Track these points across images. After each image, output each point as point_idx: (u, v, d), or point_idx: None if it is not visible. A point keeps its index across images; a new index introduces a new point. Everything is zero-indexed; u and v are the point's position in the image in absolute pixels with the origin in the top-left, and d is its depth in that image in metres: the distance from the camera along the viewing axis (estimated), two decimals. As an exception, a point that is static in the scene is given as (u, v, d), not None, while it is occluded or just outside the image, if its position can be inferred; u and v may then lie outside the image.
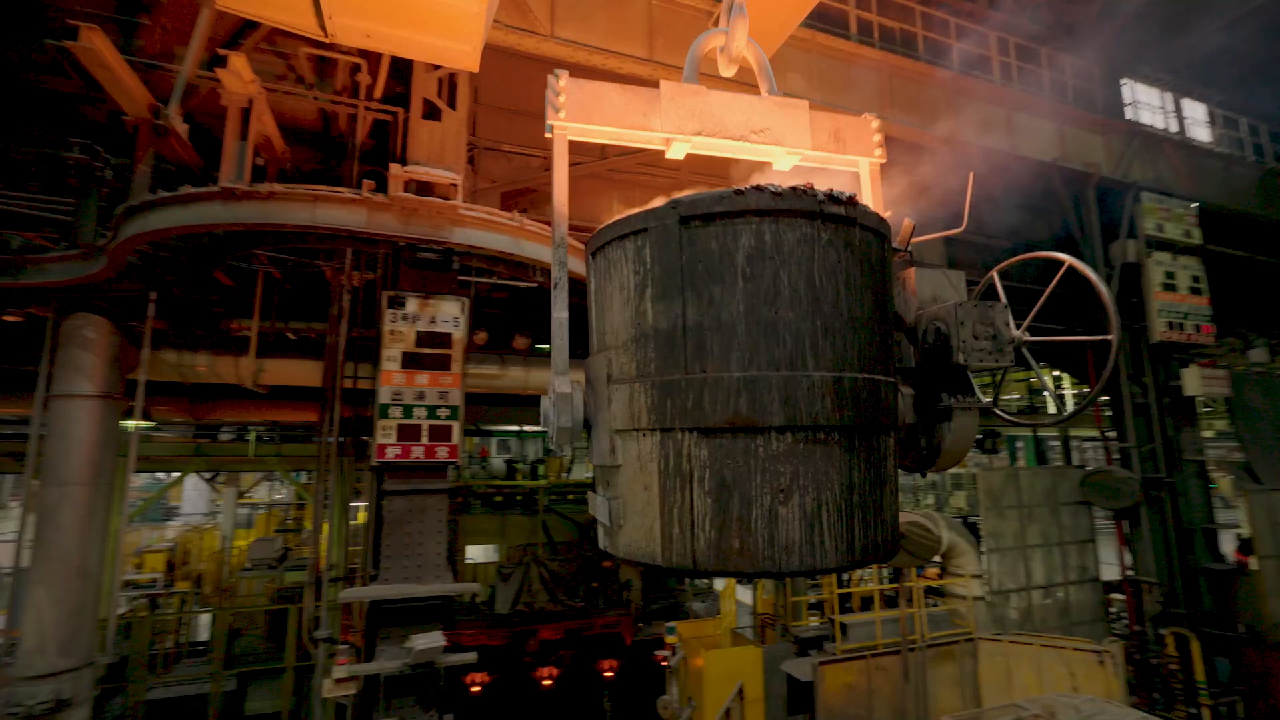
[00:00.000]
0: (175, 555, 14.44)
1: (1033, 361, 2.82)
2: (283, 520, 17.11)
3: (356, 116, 5.33)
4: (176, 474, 12.77)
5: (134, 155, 4.13)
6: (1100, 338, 2.59)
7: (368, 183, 3.66)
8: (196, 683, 9.83)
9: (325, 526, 6.56)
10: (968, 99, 8.67)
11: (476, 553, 13.96)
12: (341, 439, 5.78)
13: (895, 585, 8.28)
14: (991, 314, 2.54)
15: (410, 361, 4.52)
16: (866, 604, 10.32)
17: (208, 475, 15.41)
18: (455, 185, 3.81)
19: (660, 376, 2.03)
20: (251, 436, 11.98)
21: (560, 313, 2.20)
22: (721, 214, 2.08)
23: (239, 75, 3.49)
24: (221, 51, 3.32)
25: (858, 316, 2.07)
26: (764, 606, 12.70)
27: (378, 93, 5.56)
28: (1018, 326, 2.64)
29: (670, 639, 7.08)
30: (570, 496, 14.49)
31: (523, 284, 6.80)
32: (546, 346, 9.04)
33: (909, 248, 2.71)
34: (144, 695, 9.19)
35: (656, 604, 11.90)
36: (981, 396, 2.75)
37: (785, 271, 2.02)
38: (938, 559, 8.77)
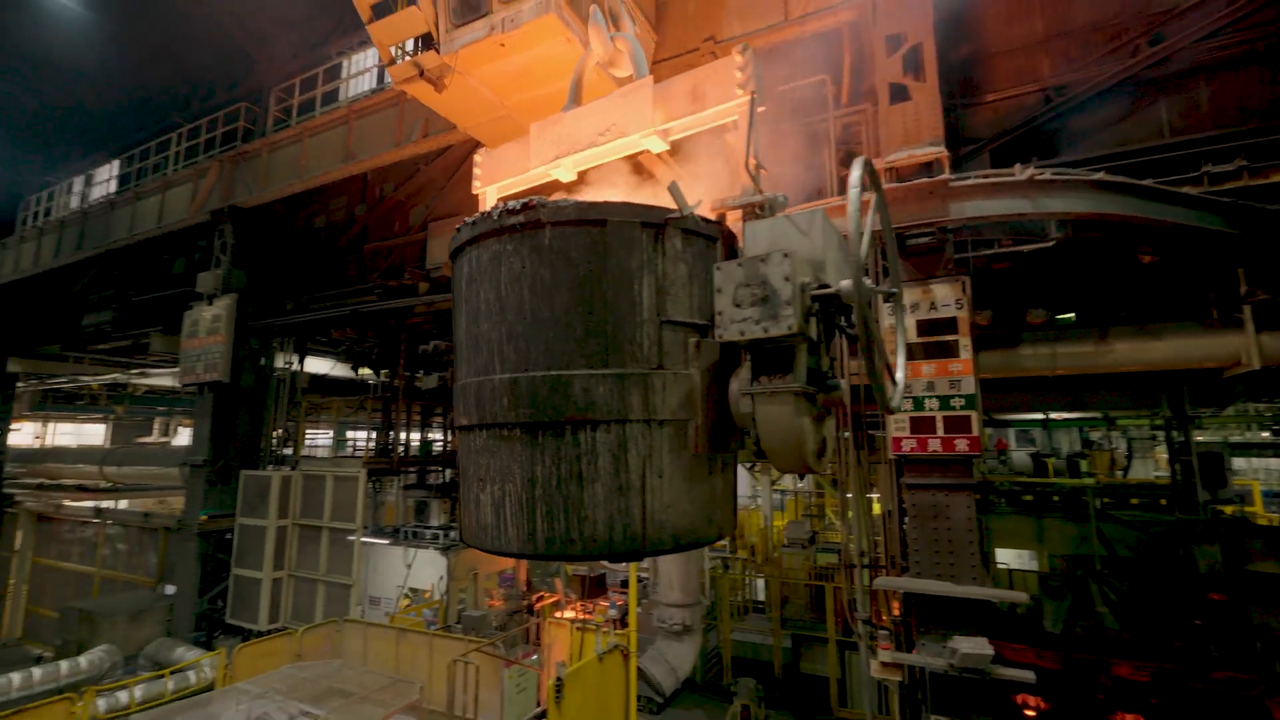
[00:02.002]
0: (736, 528, 18.16)
1: (869, 321, 1.97)
2: (807, 506, 19.24)
3: (828, 128, 5.68)
4: (726, 463, 16.01)
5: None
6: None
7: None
8: (761, 634, 11.99)
9: (849, 514, 7.00)
10: None
11: (1009, 558, 12.40)
12: (855, 432, 6.11)
13: None
14: (763, 269, 2.10)
15: (913, 353, 4.43)
16: None
17: (747, 464, 18.84)
18: (940, 159, 3.54)
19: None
20: (775, 432, 13.97)
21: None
22: (456, 249, 2.46)
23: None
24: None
25: (545, 315, 2.22)
26: None
27: (844, 99, 5.81)
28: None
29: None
30: (1133, 500, 11.31)
31: (1028, 247, 5.78)
32: (1068, 316, 7.39)
33: (683, 210, 2.32)
34: (729, 634, 11.79)
35: (1330, 672, 7.91)
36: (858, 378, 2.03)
37: (483, 289, 2.33)
38: None
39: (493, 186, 3.37)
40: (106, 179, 17.35)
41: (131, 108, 15.26)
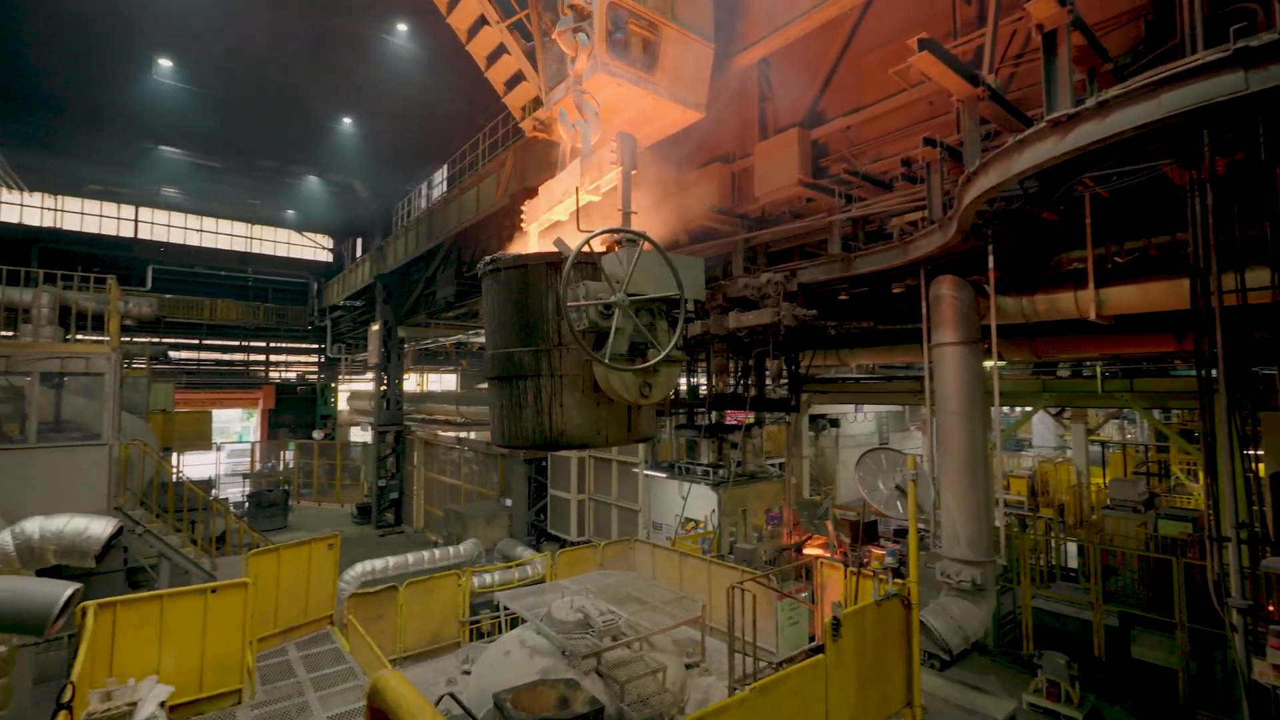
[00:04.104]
0: (1035, 483, 15.62)
1: (623, 314, 3.85)
2: (1140, 462, 15.55)
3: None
4: (1024, 409, 13.74)
5: (960, 128, 4.71)
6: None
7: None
8: (1073, 606, 10.26)
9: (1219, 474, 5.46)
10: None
11: None
12: (1214, 371, 4.65)
13: None
14: (579, 291, 3.87)
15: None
16: None
17: (1053, 410, 15.87)
18: None
19: None
20: (1096, 371, 11.46)
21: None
22: (482, 274, 4.58)
23: (1046, 4, 3.38)
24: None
25: (504, 319, 4.30)
26: None
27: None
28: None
29: None
30: None
31: None
32: None
33: (567, 254, 3.81)
34: (1029, 600, 10.37)
35: None
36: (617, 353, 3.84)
37: (486, 303, 4.57)
38: None
39: (533, 224, 5.68)
40: (440, 182, 21.84)
41: (450, 120, 18.83)
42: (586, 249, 3.87)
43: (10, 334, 11.21)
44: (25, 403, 8.52)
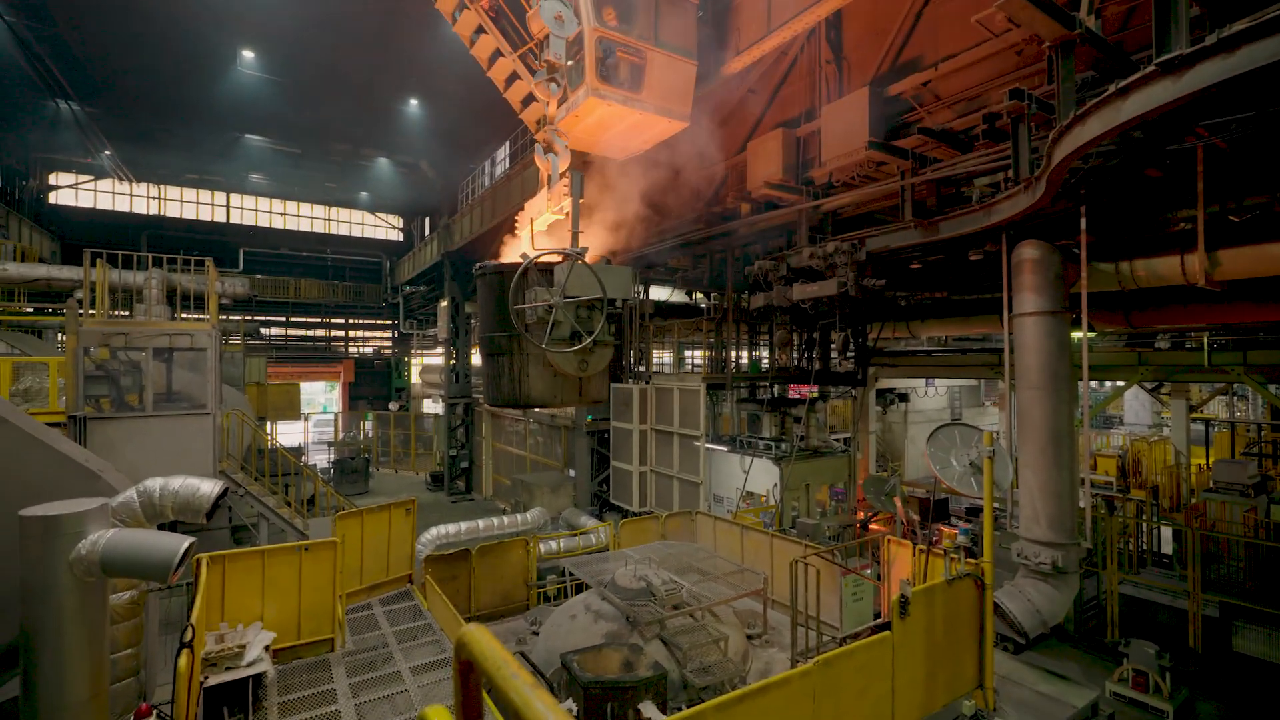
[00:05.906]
0: (1127, 463, 14.56)
1: (560, 311, 5.19)
2: (1252, 441, 14.23)
3: None
4: (1115, 384, 12.76)
5: (1052, 78, 4.33)
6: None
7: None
8: (1168, 594, 9.60)
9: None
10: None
11: None
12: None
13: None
14: (531, 295, 5.29)
15: None
16: None
17: (1149, 385, 14.66)
18: None
19: None
20: (1203, 342, 10.48)
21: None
22: (475, 276, 6.25)
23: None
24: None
25: (489, 310, 5.84)
26: None
27: None
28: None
29: None
30: None
31: None
32: None
33: (532, 263, 5.21)
34: (1115, 586, 9.78)
35: None
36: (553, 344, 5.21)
37: (479, 296, 6.17)
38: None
39: (524, 232, 6.91)
40: (502, 159, 22.12)
41: (511, 96, 18.95)
42: (547, 260, 5.37)
43: (126, 313, 12.34)
44: (142, 375, 9.41)
